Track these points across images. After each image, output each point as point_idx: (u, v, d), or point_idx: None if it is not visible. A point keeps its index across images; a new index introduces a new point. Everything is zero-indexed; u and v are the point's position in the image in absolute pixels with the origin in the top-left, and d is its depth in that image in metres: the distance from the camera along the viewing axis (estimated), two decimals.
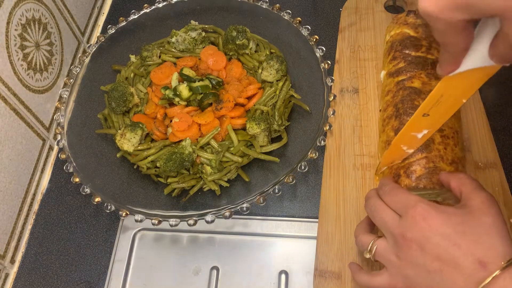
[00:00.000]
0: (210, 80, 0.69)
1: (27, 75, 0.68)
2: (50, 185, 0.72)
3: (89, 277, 0.63)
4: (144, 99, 0.72)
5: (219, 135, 0.66)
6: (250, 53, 0.75)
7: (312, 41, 0.70)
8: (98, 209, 0.68)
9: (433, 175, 0.55)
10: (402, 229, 0.45)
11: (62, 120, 0.66)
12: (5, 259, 0.64)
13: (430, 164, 0.55)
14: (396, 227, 0.46)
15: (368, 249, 0.49)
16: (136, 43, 0.77)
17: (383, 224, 0.48)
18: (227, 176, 0.65)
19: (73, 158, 0.63)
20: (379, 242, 0.48)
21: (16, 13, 0.65)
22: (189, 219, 0.58)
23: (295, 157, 0.63)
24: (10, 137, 0.64)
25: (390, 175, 0.58)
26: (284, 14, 0.73)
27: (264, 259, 0.64)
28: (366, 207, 0.52)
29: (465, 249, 0.41)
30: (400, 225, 0.46)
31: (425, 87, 0.63)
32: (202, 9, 0.79)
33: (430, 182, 0.55)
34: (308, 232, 0.65)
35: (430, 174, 0.55)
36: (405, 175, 0.56)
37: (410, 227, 0.45)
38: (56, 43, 0.76)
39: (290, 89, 0.71)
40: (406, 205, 0.46)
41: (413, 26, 0.69)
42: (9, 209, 0.65)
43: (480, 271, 0.40)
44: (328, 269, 0.59)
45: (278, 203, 0.67)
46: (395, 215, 0.47)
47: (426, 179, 0.55)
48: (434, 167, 0.55)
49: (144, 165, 0.66)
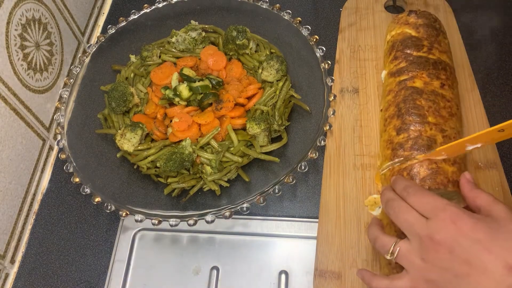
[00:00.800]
0: (210, 80, 0.69)
1: (27, 75, 0.68)
2: (50, 185, 0.72)
3: (89, 277, 0.63)
4: (144, 99, 0.72)
5: (219, 135, 0.66)
6: (250, 53, 0.75)
7: (312, 41, 0.70)
8: (98, 209, 0.68)
9: (437, 176, 0.55)
10: (430, 231, 0.44)
11: (62, 120, 0.66)
12: (5, 259, 0.64)
13: (433, 165, 0.56)
14: (424, 228, 0.45)
15: (390, 251, 0.47)
16: (136, 43, 0.77)
17: (408, 226, 0.47)
18: (227, 176, 0.65)
19: (73, 158, 0.63)
20: (402, 243, 0.47)
21: (16, 13, 0.65)
22: (189, 219, 0.58)
23: (295, 157, 0.63)
24: (10, 137, 0.64)
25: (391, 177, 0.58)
26: (284, 14, 0.73)
27: (264, 259, 0.64)
28: (388, 208, 0.50)
29: (496, 254, 0.41)
30: (428, 227, 0.45)
31: (426, 87, 0.63)
32: (202, 9, 0.79)
33: (434, 182, 0.55)
34: (308, 232, 0.65)
35: (434, 175, 0.55)
36: (409, 177, 0.56)
37: (439, 229, 0.44)
38: (56, 43, 0.76)
39: (290, 89, 0.71)
40: (435, 208, 0.45)
41: (414, 26, 0.69)
42: (9, 209, 0.65)
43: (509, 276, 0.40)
44: (328, 269, 0.59)
45: (278, 203, 0.67)
46: (421, 217, 0.46)
47: (430, 180, 0.55)
48: (437, 168, 0.55)
49: (144, 165, 0.66)
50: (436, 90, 0.63)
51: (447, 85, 0.63)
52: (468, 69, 0.75)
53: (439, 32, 0.70)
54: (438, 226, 0.44)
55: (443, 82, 0.63)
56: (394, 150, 0.60)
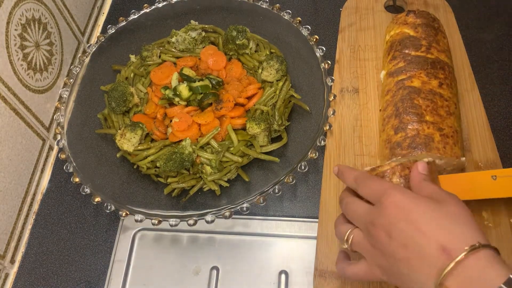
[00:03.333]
0: (210, 80, 0.69)
1: (27, 75, 0.68)
2: (50, 185, 0.72)
3: (89, 277, 0.63)
4: (144, 99, 0.72)
5: (219, 135, 0.66)
6: (250, 53, 0.75)
7: (312, 41, 0.70)
8: (98, 209, 0.68)
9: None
10: (372, 217, 0.44)
11: (62, 120, 0.66)
12: (5, 259, 0.64)
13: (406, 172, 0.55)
14: (368, 215, 0.45)
15: (345, 239, 0.48)
16: (136, 43, 0.77)
17: (356, 216, 0.47)
18: (227, 176, 0.65)
19: (73, 158, 0.63)
20: (356, 231, 0.47)
21: (16, 13, 0.65)
22: (189, 219, 0.58)
23: (295, 157, 0.63)
24: (10, 137, 0.64)
25: None
26: (284, 14, 0.73)
27: (264, 259, 0.64)
28: (342, 206, 0.51)
29: (430, 235, 0.40)
30: (370, 213, 0.45)
31: (424, 86, 0.63)
32: (202, 9, 0.79)
33: None
34: (308, 232, 0.65)
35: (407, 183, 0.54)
36: None
37: (379, 214, 0.43)
38: (56, 43, 0.76)
39: (290, 89, 0.71)
40: (378, 193, 0.45)
41: (412, 26, 0.70)
42: (9, 209, 0.65)
43: (443, 258, 0.39)
44: (328, 269, 0.59)
45: (278, 203, 0.67)
46: (368, 206, 0.46)
47: None
48: None
49: (144, 165, 0.66)
50: (434, 89, 0.63)
51: (446, 84, 0.64)
52: (468, 69, 0.75)
53: (437, 31, 0.70)
54: (378, 211, 0.44)
55: (442, 81, 0.63)
56: (392, 149, 0.60)
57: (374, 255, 0.45)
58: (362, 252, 0.47)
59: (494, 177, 0.50)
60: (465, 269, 0.38)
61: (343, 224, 0.50)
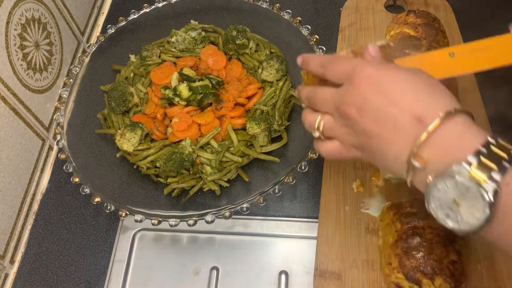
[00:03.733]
0: (210, 80, 0.69)
1: (27, 75, 0.68)
2: (50, 185, 0.72)
3: (89, 277, 0.63)
4: (144, 99, 0.72)
5: (219, 135, 0.66)
6: (250, 53, 0.75)
7: (312, 40, 0.70)
8: (98, 209, 0.68)
9: None
10: (341, 96, 0.42)
11: (62, 120, 0.66)
12: (5, 259, 0.64)
13: None
14: (336, 96, 0.42)
15: (316, 127, 0.45)
16: (136, 43, 0.77)
17: (325, 102, 0.44)
18: (227, 176, 0.65)
19: (72, 158, 0.63)
20: (326, 117, 0.44)
21: (16, 13, 0.65)
22: (189, 219, 0.58)
23: (295, 157, 0.63)
24: (9, 137, 0.64)
25: None
26: (284, 13, 0.73)
27: (264, 259, 0.64)
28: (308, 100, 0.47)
29: (403, 106, 0.38)
30: (339, 93, 0.42)
31: None
32: (202, 9, 0.79)
33: None
34: (308, 232, 0.64)
35: None
36: None
37: (349, 91, 0.41)
38: (55, 43, 0.76)
39: (290, 89, 0.71)
40: (346, 72, 0.42)
41: (413, 26, 0.69)
42: (9, 209, 0.65)
43: (418, 127, 0.36)
44: (328, 269, 0.59)
45: (278, 203, 0.67)
46: (335, 89, 0.43)
47: None
48: None
49: (144, 165, 0.66)
50: None
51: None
52: None
53: (438, 31, 0.70)
54: (348, 89, 0.41)
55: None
56: None
57: (346, 135, 0.43)
58: (335, 136, 0.44)
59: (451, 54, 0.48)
60: (441, 136, 0.36)
61: (311, 113, 0.47)
